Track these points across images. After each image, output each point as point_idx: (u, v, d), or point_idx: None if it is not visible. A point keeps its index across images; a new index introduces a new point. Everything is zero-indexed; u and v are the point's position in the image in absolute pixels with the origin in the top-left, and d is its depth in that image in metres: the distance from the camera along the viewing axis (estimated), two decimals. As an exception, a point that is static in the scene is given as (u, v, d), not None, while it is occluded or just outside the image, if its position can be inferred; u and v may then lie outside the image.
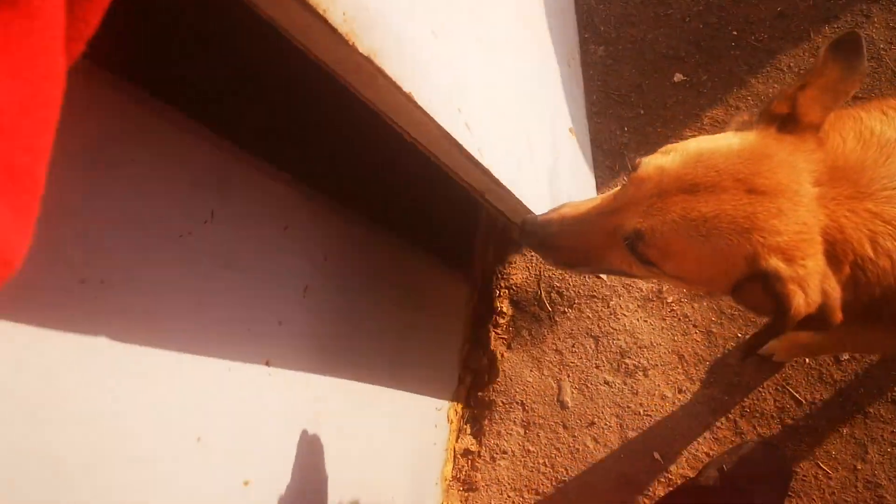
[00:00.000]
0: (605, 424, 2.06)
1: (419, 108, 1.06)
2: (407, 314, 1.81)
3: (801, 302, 0.96)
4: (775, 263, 0.97)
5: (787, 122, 1.04)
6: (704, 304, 2.04)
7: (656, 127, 2.21)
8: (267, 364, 1.26)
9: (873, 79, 2.02)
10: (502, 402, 2.17)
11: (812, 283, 0.96)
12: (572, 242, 1.21)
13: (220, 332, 1.15)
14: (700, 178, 1.01)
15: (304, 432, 1.37)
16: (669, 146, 1.10)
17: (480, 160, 1.26)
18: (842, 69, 1.01)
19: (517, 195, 1.44)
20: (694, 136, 2.16)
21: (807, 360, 1.91)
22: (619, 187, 1.15)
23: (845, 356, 1.88)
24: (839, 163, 1.01)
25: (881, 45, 2.05)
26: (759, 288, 0.99)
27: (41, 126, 0.42)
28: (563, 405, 2.11)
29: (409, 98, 1.03)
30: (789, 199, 0.97)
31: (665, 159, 1.07)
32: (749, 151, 1.02)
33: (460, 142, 1.19)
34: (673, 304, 2.08)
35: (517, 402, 2.16)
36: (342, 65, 0.97)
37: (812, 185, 0.99)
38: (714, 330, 2.02)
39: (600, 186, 2.21)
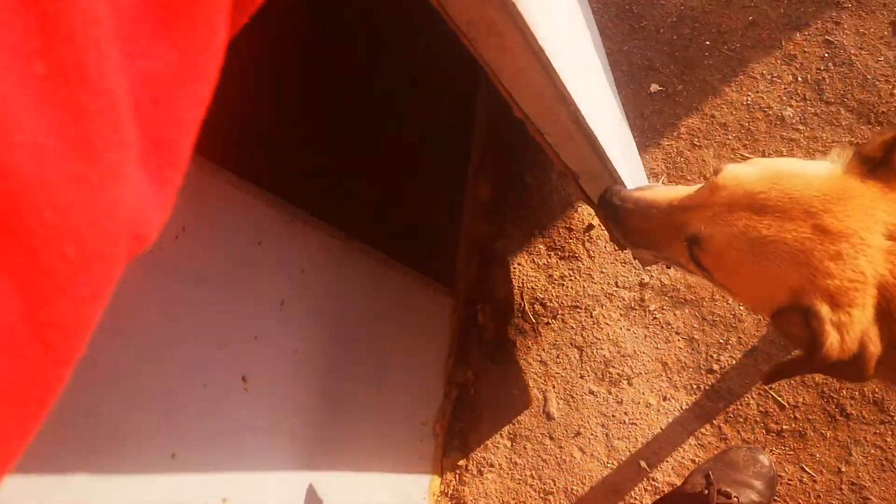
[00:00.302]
0: (591, 434, 2.06)
1: (547, 65, 1.06)
2: (389, 328, 1.81)
3: (836, 345, 0.95)
4: (818, 303, 0.96)
5: (879, 166, 1.02)
6: (686, 311, 2.05)
7: (634, 136, 2.22)
8: (243, 380, 1.26)
9: (844, 84, 2.05)
10: (488, 416, 2.17)
11: (852, 332, 0.95)
12: (641, 225, 1.22)
13: (192, 348, 1.16)
14: (771, 200, 1.02)
15: (284, 445, 1.37)
16: (758, 159, 1.10)
17: (595, 132, 1.27)
18: None
19: (623, 177, 1.44)
20: (671, 144, 2.19)
21: (788, 363, 1.92)
22: (699, 185, 1.16)
23: (826, 359, 1.88)
24: None
25: (852, 51, 2.07)
26: (798, 318, 0.99)
27: (193, 100, 0.41)
28: (548, 416, 2.11)
29: (538, 55, 1.03)
30: (853, 246, 0.96)
31: (746, 171, 1.07)
32: (829, 188, 1.00)
33: (581, 109, 1.18)
34: (655, 313, 2.08)
35: (504, 416, 2.16)
36: (474, 24, 0.98)
37: (884, 238, 0.97)
38: (696, 337, 2.03)
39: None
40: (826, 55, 2.10)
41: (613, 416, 2.05)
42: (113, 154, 0.35)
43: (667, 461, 1.97)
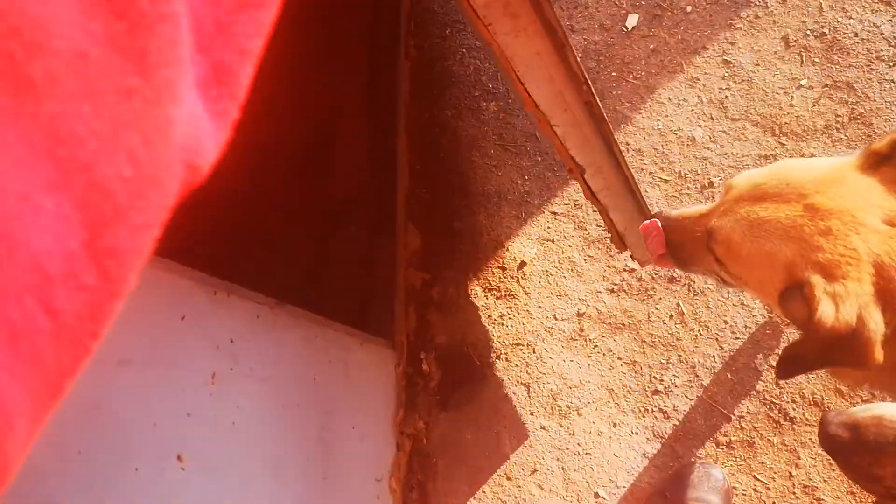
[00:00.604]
0: (548, 469, 2.06)
1: (561, 43, 1.08)
2: (330, 388, 1.79)
3: (830, 313, 0.97)
4: (811, 275, 1.00)
5: (884, 162, 1.06)
6: (625, 335, 2.08)
7: (555, 172, 2.27)
8: (179, 459, 1.24)
9: (746, 100, 2.13)
10: (444, 464, 2.16)
11: (847, 302, 0.97)
12: (679, 238, 1.29)
13: (120, 434, 1.13)
14: (770, 188, 1.09)
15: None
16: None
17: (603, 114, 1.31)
18: None
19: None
20: (591, 175, 2.24)
21: (728, 374, 1.96)
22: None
23: (763, 364, 1.93)
24: None
25: (750, 68, 2.16)
26: (799, 298, 1.02)
27: (255, 28, 0.40)
28: (504, 456, 2.11)
29: (554, 29, 1.05)
30: (844, 224, 1.00)
31: (756, 170, 1.16)
32: (826, 174, 1.07)
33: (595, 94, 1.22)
34: (596, 341, 2.11)
35: (460, 462, 2.15)
36: (490, 7, 1.01)
37: (882, 222, 1.00)
38: (638, 360, 2.06)
39: (510, 237, 2.26)
40: (726, 74, 2.18)
41: (567, 448, 2.05)
42: (169, 70, 0.33)
43: (624, 487, 1.97)
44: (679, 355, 2.02)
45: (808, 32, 2.14)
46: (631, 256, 1.94)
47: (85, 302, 0.32)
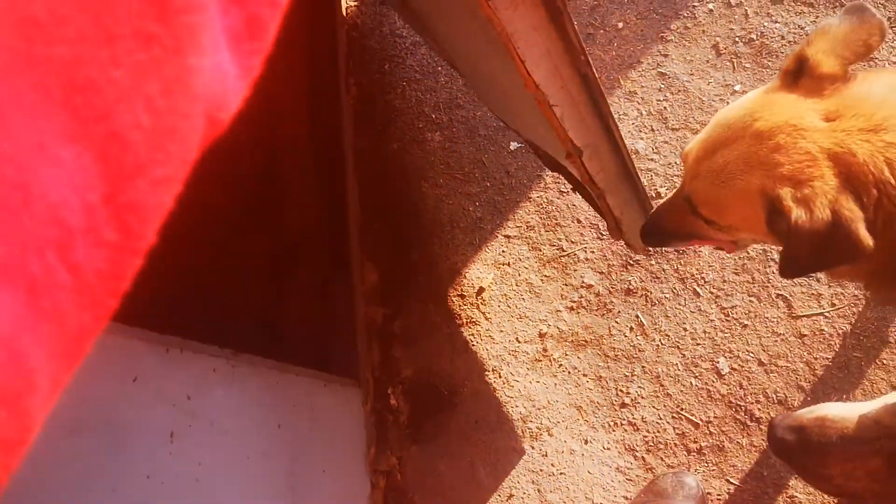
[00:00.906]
0: (524, 493, 2.05)
1: (557, 12, 1.10)
2: (297, 434, 1.77)
3: (804, 216, 1.02)
4: (781, 189, 1.06)
5: (799, 75, 1.13)
6: (588, 351, 2.09)
7: (504, 195, 2.29)
8: (142, 523, 1.21)
9: (685, 109, 2.17)
10: (420, 498, 2.14)
11: (818, 201, 1.02)
12: (673, 223, 1.36)
13: (79, 500, 1.11)
14: (717, 137, 1.17)
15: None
16: None
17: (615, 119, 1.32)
18: (850, 23, 1.10)
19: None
20: (541, 196, 2.26)
21: (692, 380, 1.97)
22: None
23: (725, 369, 1.95)
24: (856, 103, 1.07)
25: (684, 78, 2.21)
26: (780, 217, 1.08)
27: None
28: (479, 485, 2.09)
29: (554, 4, 1.07)
30: (788, 135, 1.07)
31: (701, 133, 1.24)
32: (757, 102, 1.15)
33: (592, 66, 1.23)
34: (560, 360, 2.11)
35: (436, 494, 2.13)
36: None
37: (822, 120, 1.07)
38: (603, 374, 2.07)
39: (467, 264, 2.27)
40: (662, 86, 2.22)
41: (541, 470, 2.05)
42: (191, 17, 0.32)
43: (600, 503, 1.97)
44: (643, 366, 2.03)
45: (737, 39, 2.19)
46: (626, 244, 1.88)
47: (106, 259, 0.31)
